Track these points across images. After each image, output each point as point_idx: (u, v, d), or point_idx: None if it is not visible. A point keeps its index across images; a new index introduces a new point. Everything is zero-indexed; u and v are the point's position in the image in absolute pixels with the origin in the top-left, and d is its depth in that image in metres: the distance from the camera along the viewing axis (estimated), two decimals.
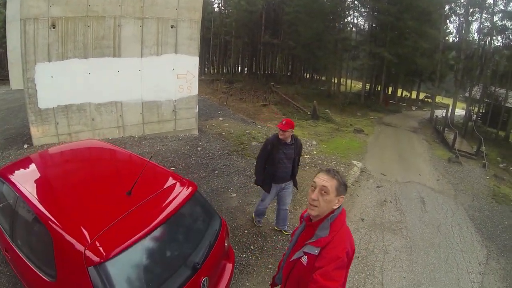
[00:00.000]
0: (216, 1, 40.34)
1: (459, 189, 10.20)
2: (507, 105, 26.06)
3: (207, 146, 8.80)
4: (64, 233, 2.32)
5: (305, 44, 33.21)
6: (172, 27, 9.08)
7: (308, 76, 53.46)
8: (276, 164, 4.63)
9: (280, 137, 4.52)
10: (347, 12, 33.25)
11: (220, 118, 12.24)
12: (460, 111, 31.85)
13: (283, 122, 4.46)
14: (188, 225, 3.01)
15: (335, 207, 1.95)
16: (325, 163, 9.52)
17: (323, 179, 1.93)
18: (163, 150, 8.23)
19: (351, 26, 35.23)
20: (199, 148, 8.59)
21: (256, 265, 4.56)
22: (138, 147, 8.27)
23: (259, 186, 4.94)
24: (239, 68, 45.79)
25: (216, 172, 7.35)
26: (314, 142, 11.80)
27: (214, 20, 36.47)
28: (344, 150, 11.76)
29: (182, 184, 3.14)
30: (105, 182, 3.20)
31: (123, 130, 8.96)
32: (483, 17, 26.12)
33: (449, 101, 46.30)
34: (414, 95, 47.29)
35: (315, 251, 1.86)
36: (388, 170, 10.47)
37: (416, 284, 4.82)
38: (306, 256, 1.92)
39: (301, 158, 9.23)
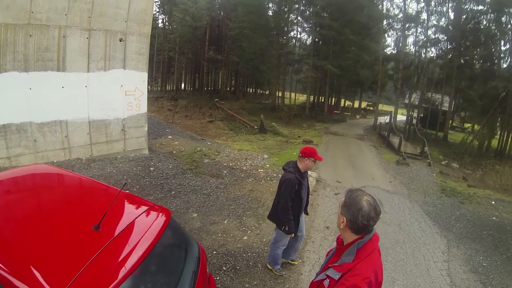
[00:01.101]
0: (160, 16, 40.47)
1: (411, 188, 11.08)
2: (443, 108, 29.52)
3: (159, 166, 8.62)
4: None
5: (249, 59, 34.59)
6: (120, 41, 8.69)
7: (251, 91, 55.61)
8: (302, 200, 4.36)
9: (309, 168, 4.35)
10: (291, 27, 35.09)
11: (169, 136, 12.06)
12: (401, 117, 34.80)
13: (307, 152, 4.21)
14: (168, 257, 2.75)
15: (341, 227, 2.00)
16: (280, 175, 9.60)
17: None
18: (114, 173, 7.94)
19: (294, 40, 37.18)
20: (151, 169, 8.39)
21: (232, 286, 4.50)
22: (87, 170, 7.82)
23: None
24: (183, 84, 45.95)
25: (173, 192, 7.23)
26: (265, 156, 11.88)
27: (158, 36, 36.23)
28: None
29: (155, 211, 2.82)
30: (65, 216, 2.63)
31: (69, 152, 8.37)
32: (418, 31, 29.89)
33: (390, 108, 50.93)
34: (356, 104, 51.48)
35: (336, 276, 1.89)
36: (342, 177, 10.89)
37: (391, 281, 5.12)
38: (328, 280, 1.95)
39: (256, 172, 9.60)
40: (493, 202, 10.51)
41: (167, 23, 40.41)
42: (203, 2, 34.23)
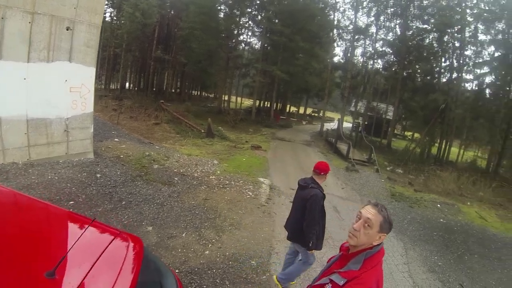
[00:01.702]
0: (108, 10, 38.21)
1: (362, 194, 11.52)
2: (387, 117, 31.75)
3: (107, 172, 7.95)
4: None
5: (197, 60, 34.20)
6: (68, 29, 7.71)
7: (197, 93, 54.85)
8: (325, 216, 4.37)
9: (322, 182, 4.39)
10: (241, 31, 35.19)
11: (116, 139, 11.33)
12: (346, 124, 36.78)
13: (325, 169, 4.35)
14: None
15: (375, 243, 1.97)
16: (232, 182, 9.30)
17: (369, 212, 1.98)
18: (56, 180, 6.99)
19: (244, 44, 37.44)
20: (98, 175, 7.69)
21: None
22: (24, 176, 6.81)
23: None
24: (128, 84, 44.41)
25: (123, 202, 6.68)
26: (215, 161, 11.58)
27: (105, 31, 34.29)
28: (247, 167, 11.76)
29: (125, 242, 2.22)
30: (6, 257, 1.72)
31: (3, 155, 7.17)
32: (367, 43, 32.08)
33: (335, 115, 53.28)
34: (302, 110, 53.18)
35: (341, 281, 1.91)
36: (295, 184, 10.84)
37: None
38: (330, 284, 1.97)
39: (208, 179, 9.24)
40: (438, 205, 11.42)
41: (115, 18, 38.70)
42: None
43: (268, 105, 39.77)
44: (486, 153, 28.39)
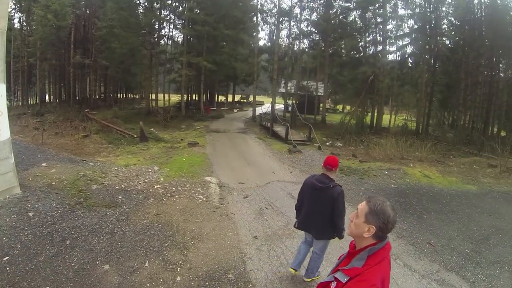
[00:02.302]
0: (16, 15, 34.35)
1: (311, 174, 11.70)
2: (318, 94, 33.07)
3: (40, 208, 6.79)
4: None
5: (119, 61, 32.65)
6: None
7: (123, 96, 52.71)
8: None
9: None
10: (163, 25, 34.10)
11: (43, 164, 9.91)
12: (278, 106, 37.30)
13: (336, 164, 4.53)
14: None
15: (366, 236, 1.98)
16: (179, 188, 8.78)
17: (361, 204, 2.07)
18: None
19: (166, 39, 36.37)
20: (31, 214, 6.49)
21: None
22: None
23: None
24: (48, 96, 41.30)
25: (68, 242, 5.66)
26: (156, 168, 10.92)
27: (15, 39, 30.75)
28: (189, 168, 11.26)
29: None
30: None
31: None
32: (292, 24, 32.70)
33: (264, 98, 54.18)
34: (230, 98, 53.10)
35: (344, 279, 1.94)
36: (243, 177, 10.64)
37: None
38: (335, 282, 2.00)
39: (153, 189, 8.53)
40: (386, 172, 12.03)
41: (25, 24, 35.40)
42: None
43: (197, 98, 39.09)
44: (413, 115, 31.11)
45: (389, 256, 2.04)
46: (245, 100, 54.73)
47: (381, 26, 27.14)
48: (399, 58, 28.99)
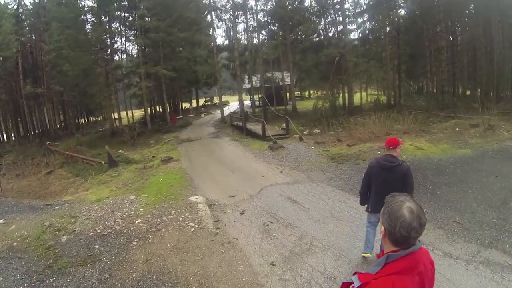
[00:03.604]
0: None
1: (304, 170, 10.64)
2: (285, 83, 32.70)
3: (1, 285, 5.38)
4: None
5: (74, 84, 30.75)
6: None
7: (85, 121, 49.73)
8: None
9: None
10: (115, 39, 32.11)
11: (0, 221, 8.34)
12: (245, 102, 36.45)
13: (397, 142, 4.79)
14: None
15: (381, 236, 1.82)
16: (164, 218, 7.44)
17: None
18: None
19: (120, 53, 34.17)
20: None
21: None
22: None
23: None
24: (6, 134, 38.59)
25: None
26: (132, 197, 9.49)
27: None
28: (169, 189, 9.99)
29: None
30: None
31: None
32: (248, 17, 31.37)
33: (228, 98, 53.16)
34: (195, 104, 51.63)
35: (357, 284, 1.73)
36: (231, 189, 9.47)
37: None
38: (352, 285, 1.78)
39: (135, 226, 7.33)
40: (379, 152, 11.16)
41: None
42: (8, 25, 28.93)
43: (161, 110, 37.42)
44: (382, 90, 31.16)
45: (420, 269, 1.70)
46: (209, 103, 53.40)
47: (339, 6, 26.64)
48: (361, 35, 28.87)
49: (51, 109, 37.73)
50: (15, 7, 35.28)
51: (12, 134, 38.30)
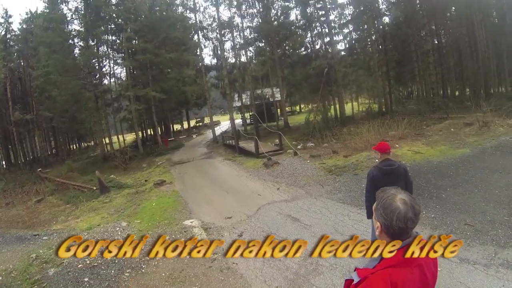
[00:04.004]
0: None
1: (303, 186, 10.29)
2: (276, 99, 32.45)
3: None
4: None
5: (64, 110, 30.41)
6: None
7: (76, 147, 49.63)
8: None
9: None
10: (103, 63, 31.80)
11: None
12: (236, 121, 36.37)
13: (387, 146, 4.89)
14: None
15: (377, 234, 1.78)
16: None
17: None
18: None
19: (109, 77, 33.79)
20: None
21: None
22: None
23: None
24: None
25: None
26: (124, 224, 9.01)
27: None
28: (163, 213, 9.57)
29: None
30: None
31: None
32: (235, 35, 31.21)
33: (219, 117, 53.04)
34: (186, 125, 51.37)
35: (356, 279, 1.71)
36: (227, 210, 9.08)
37: None
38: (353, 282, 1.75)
39: (126, 256, 6.68)
40: (376, 160, 10.97)
41: None
42: None
43: (152, 133, 37.03)
44: (372, 98, 31.21)
45: (419, 261, 1.69)
46: (201, 123, 53.14)
47: (324, 18, 26.72)
48: (348, 46, 29.05)
49: (42, 136, 37.31)
50: (3, 32, 35.34)
51: (3, 162, 37.51)
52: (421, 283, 1.70)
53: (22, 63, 35.93)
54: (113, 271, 6.17)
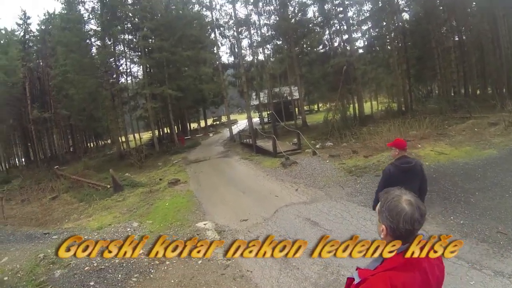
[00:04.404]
0: None
1: (322, 187, 9.82)
2: (294, 98, 32.08)
3: None
4: None
5: (80, 108, 30.94)
6: None
7: (92, 145, 50.09)
8: None
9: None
10: (119, 61, 31.83)
11: None
12: (255, 119, 35.22)
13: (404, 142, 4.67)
14: None
15: (382, 237, 1.71)
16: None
17: None
18: None
19: (125, 76, 33.78)
20: None
21: None
22: None
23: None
24: (16, 160, 39.42)
25: None
26: (135, 224, 8.72)
27: None
28: (175, 214, 9.25)
29: None
30: None
31: None
32: (252, 32, 30.59)
33: (237, 116, 52.79)
34: (203, 124, 51.30)
35: (357, 279, 1.66)
36: (243, 212, 8.69)
37: None
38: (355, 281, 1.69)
39: (134, 258, 6.49)
40: (391, 158, 10.52)
41: None
42: (15, 51, 29.47)
43: (169, 131, 36.88)
44: (391, 97, 30.37)
45: (423, 265, 1.62)
46: (218, 122, 52.96)
47: (342, 15, 26.03)
48: (367, 43, 28.13)
49: (59, 134, 37.89)
50: (22, 33, 36.01)
51: (22, 159, 38.79)
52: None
53: (41, 63, 36.44)
54: (120, 276, 5.85)
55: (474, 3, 26.23)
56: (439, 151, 11.10)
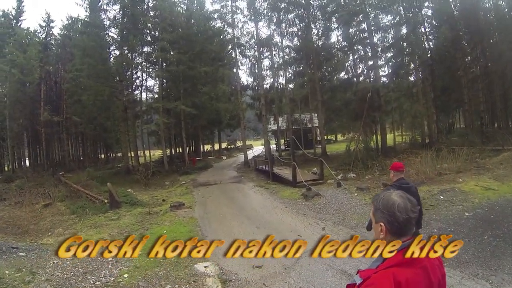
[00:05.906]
0: None
1: (353, 226, 8.03)
2: (314, 125, 30.50)
3: None
4: None
5: (92, 117, 29.94)
6: None
7: (102, 156, 48.56)
8: None
9: None
10: (135, 72, 31.04)
11: None
12: (272, 146, 33.17)
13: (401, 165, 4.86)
14: None
15: (382, 237, 1.69)
16: None
17: None
18: None
19: (140, 88, 32.68)
20: None
21: None
22: None
23: None
24: (25, 161, 37.98)
25: None
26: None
27: None
28: (171, 247, 7.66)
29: None
30: None
31: None
32: (273, 53, 29.38)
33: (252, 142, 51.35)
34: (217, 147, 49.77)
35: (358, 281, 1.65)
36: (255, 258, 6.86)
37: None
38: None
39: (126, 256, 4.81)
40: (441, 197, 9.32)
41: None
42: (34, 51, 28.87)
43: (180, 150, 35.34)
44: (414, 128, 28.54)
45: (424, 263, 1.60)
46: (232, 146, 51.32)
47: (367, 41, 24.71)
48: (391, 70, 26.41)
49: (69, 140, 37.28)
50: (43, 35, 35.93)
51: (30, 161, 37.87)
52: (426, 285, 1.59)
53: (60, 67, 36.18)
54: None
55: (496, 34, 25.08)
56: (485, 186, 10.01)
